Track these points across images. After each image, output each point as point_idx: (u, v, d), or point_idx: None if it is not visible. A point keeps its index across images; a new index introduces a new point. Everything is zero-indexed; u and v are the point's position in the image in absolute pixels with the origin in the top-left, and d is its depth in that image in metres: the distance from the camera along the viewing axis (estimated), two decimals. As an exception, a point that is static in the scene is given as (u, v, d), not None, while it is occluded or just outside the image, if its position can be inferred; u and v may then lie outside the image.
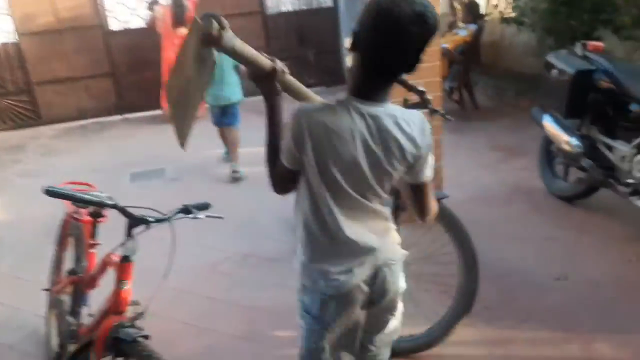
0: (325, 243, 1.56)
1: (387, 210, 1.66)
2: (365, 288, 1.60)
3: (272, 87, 1.63)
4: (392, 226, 1.70)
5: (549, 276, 3.10)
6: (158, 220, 1.93)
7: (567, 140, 3.64)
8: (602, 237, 3.48)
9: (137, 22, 7.91)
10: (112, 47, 7.68)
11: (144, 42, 7.50)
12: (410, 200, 1.70)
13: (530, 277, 3.12)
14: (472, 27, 6.40)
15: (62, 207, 2.65)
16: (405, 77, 1.93)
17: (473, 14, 6.49)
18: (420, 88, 2.50)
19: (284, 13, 8.55)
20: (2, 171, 6.06)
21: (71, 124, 7.71)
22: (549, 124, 3.82)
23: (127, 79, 7.82)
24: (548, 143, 4.15)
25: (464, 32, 6.38)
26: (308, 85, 1.85)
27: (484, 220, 3.66)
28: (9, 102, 7.55)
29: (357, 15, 1.51)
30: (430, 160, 1.60)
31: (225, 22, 1.48)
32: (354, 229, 1.55)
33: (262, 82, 1.63)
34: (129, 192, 5.15)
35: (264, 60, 1.61)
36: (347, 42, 2.13)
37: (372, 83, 1.49)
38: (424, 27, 1.38)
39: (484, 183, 4.60)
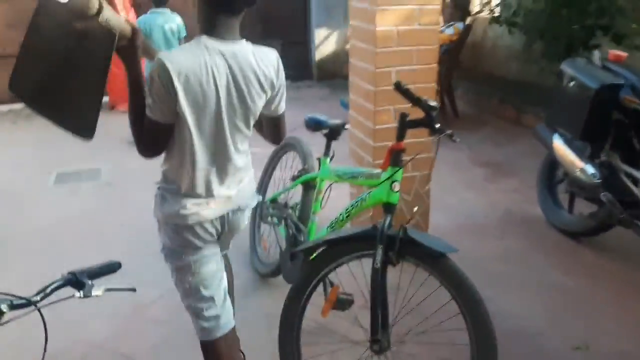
0: (186, 188, 1.65)
1: (248, 154, 1.78)
2: (217, 224, 1.74)
3: (136, 53, 1.58)
4: (250, 168, 1.83)
5: (565, 343, 2.48)
6: (15, 306, 1.16)
7: (582, 168, 3.02)
8: (623, 290, 2.88)
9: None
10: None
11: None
12: (268, 131, 1.89)
13: (542, 343, 2.49)
14: (460, 26, 5.76)
15: None
16: (408, 86, 2.06)
17: (462, 10, 5.86)
18: (432, 103, 1.85)
19: None
20: None
21: (2, 107, 6.70)
22: (561, 147, 3.20)
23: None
24: (551, 166, 3.55)
25: (450, 30, 5.72)
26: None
27: (475, 257, 3.02)
28: None
29: (330, 4, 1.53)
30: (284, 95, 1.78)
31: None
32: (213, 179, 1.67)
33: (125, 49, 1.56)
34: (49, 198, 4.30)
35: (127, 27, 1.52)
36: (317, 34, 2.26)
37: (218, 20, 1.55)
38: None
39: (471, 207, 3.98)
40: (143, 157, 1.64)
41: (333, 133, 2.74)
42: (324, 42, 7.72)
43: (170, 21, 5.06)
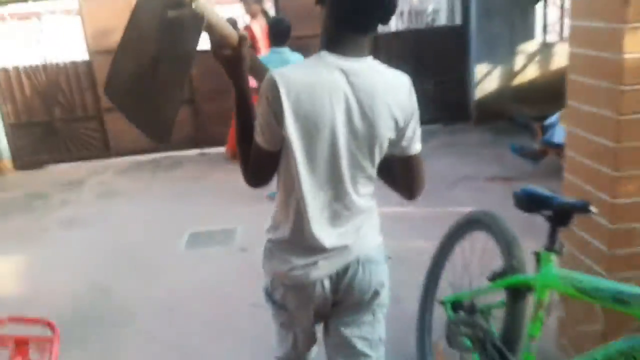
0: (291, 233, 1.45)
1: (370, 199, 1.50)
2: (328, 284, 1.48)
3: (242, 64, 1.42)
4: (374, 216, 1.54)
5: None
6: None
7: None
8: None
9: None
10: (193, 69, 6.51)
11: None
12: (399, 178, 1.55)
13: None
14: None
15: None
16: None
17: None
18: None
19: (399, 33, 7.00)
20: (45, 215, 4.96)
21: (142, 157, 6.59)
22: None
23: (208, 108, 6.59)
24: None
25: None
26: (423, 122, 1.53)
27: None
28: (77, 129, 6.57)
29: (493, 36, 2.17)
30: (419, 127, 1.47)
31: None
32: (324, 227, 1.43)
33: (230, 58, 1.41)
34: (178, 266, 3.78)
35: (233, 31, 1.40)
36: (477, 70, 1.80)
37: (344, 35, 1.35)
38: None
39: None
40: (248, 186, 1.48)
41: (562, 216, 1.77)
42: (485, 79, 6.69)
43: (288, 63, 4.43)
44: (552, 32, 6.67)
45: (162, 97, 1.38)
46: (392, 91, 1.38)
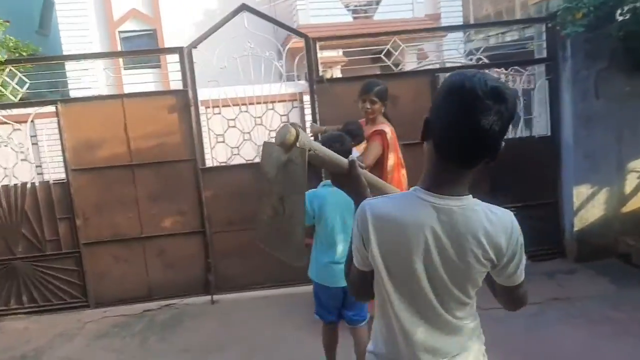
0: (386, 349, 1.50)
1: (470, 320, 1.49)
2: None
3: (359, 183, 1.59)
4: (476, 339, 1.53)
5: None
6: None
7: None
8: None
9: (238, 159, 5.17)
10: (206, 190, 4.93)
11: (249, 184, 4.75)
12: (502, 298, 1.54)
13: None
14: None
15: None
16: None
17: None
18: None
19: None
20: None
21: (131, 307, 4.87)
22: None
23: (224, 241, 4.96)
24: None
25: None
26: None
27: None
28: (46, 270, 4.88)
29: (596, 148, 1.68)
30: (523, 260, 1.43)
31: (300, 126, 1.61)
32: (422, 346, 1.44)
33: (346, 181, 1.60)
34: None
35: (341, 159, 1.60)
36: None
37: (447, 172, 1.36)
38: (501, 101, 1.27)
39: None
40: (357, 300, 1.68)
41: None
42: (586, 205, 5.11)
43: (351, 201, 2.93)
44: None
45: (291, 226, 1.62)
46: (487, 232, 1.36)
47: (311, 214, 3.01)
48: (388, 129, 3.74)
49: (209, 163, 5.06)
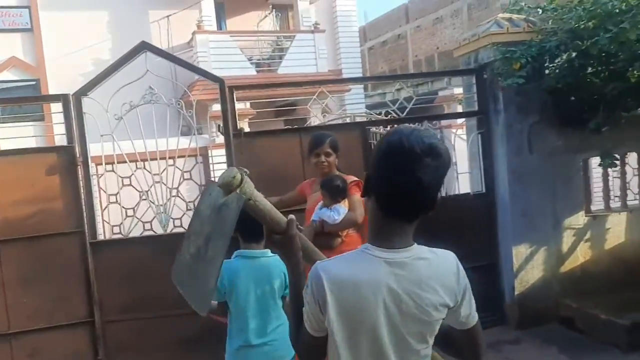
0: None
1: None
2: None
3: (292, 244, 1.55)
4: None
5: None
6: None
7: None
8: None
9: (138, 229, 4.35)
10: (96, 269, 3.98)
11: (147, 259, 3.90)
12: (460, 348, 1.53)
13: None
14: None
15: None
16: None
17: None
18: None
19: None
20: None
21: None
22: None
23: (118, 332, 3.99)
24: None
25: None
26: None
27: None
28: None
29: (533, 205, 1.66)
30: (472, 297, 1.46)
31: (247, 172, 1.50)
32: None
33: (280, 240, 1.56)
34: None
35: (280, 216, 1.56)
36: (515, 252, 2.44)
37: (392, 226, 1.39)
38: (437, 157, 1.33)
39: None
40: None
41: None
42: (525, 266, 4.78)
43: (268, 273, 2.62)
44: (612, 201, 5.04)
45: (208, 271, 1.55)
46: (438, 276, 1.39)
47: (222, 290, 2.55)
48: (355, 178, 3.42)
49: (100, 231, 4.15)
